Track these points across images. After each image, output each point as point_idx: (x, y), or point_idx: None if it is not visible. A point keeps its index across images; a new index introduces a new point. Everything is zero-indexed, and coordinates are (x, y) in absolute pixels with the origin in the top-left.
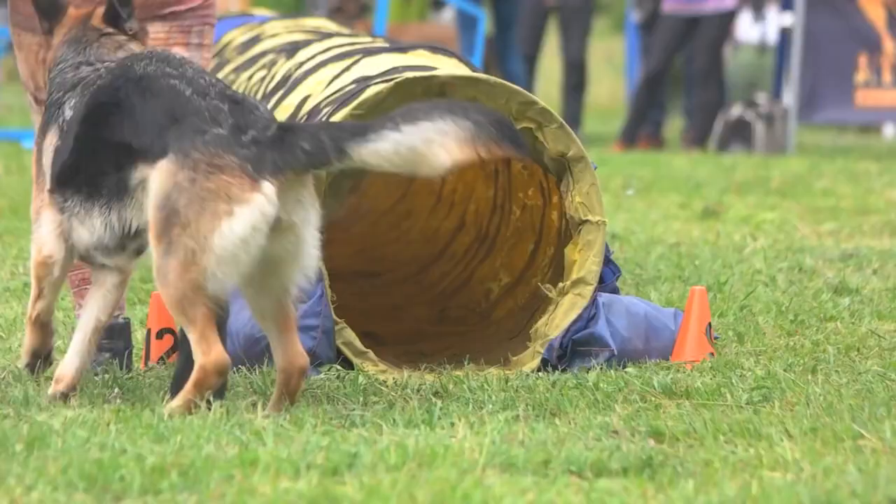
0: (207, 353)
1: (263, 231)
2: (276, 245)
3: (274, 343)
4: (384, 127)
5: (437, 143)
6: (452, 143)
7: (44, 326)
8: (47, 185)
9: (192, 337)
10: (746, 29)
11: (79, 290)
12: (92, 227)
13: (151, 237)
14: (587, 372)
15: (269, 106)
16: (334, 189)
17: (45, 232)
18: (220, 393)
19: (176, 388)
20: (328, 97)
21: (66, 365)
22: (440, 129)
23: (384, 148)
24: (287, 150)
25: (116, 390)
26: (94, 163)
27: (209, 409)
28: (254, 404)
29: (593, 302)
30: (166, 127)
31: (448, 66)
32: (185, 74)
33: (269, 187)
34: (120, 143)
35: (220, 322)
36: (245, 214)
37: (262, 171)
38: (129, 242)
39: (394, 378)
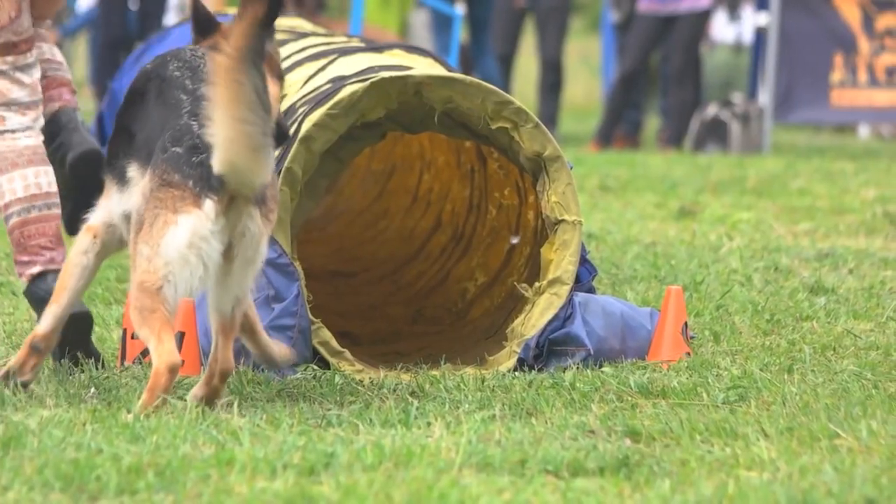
0: (161, 355)
1: (208, 242)
2: (225, 267)
3: (214, 341)
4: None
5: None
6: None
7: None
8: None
9: (151, 345)
10: (722, 28)
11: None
12: (115, 207)
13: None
14: (563, 371)
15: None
16: (310, 189)
17: (97, 212)
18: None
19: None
20: (303, 97)
21: None
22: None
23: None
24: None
25: (93, 390)
26: (115, 143)
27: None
28: (230, 404)
29: (569, 301)
30: (156, 138)
31: (423, 66)
32: (197, 91)
33: (209, 204)
34: (131, 133)
35: None
36: (187, 224)
37: (203, 189)
38: None
39: (370, 378)
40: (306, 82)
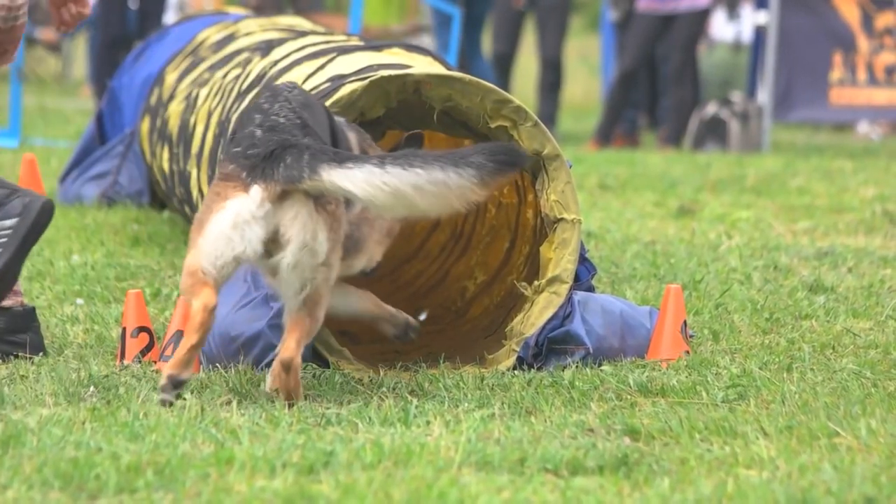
0: (199, 299)
1: (251, 225)
2: (276, 255)
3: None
4: (368, 161)
5: (432, 193)
6: (454, 193)
7: None
8: None
9: (194, 304)
10: (721, 27)
11: None
12: None
13: None
14: (563, 370)
15: (244, 104)
16: None
17: None
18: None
19: None
20: None
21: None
22: (436, 180)
23: (357, 177)
24: (273, 162)
25: (92, 388)
26: None
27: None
28: (229, 402)
29: (569, 300)
30: None
31: (423, 65)
32: (270, 110)
33: (256, 190)
34: None
35: None
36: (232, 207)
37: (254, 178)
38: None
39: (369, 376)
40: (305, 81)
